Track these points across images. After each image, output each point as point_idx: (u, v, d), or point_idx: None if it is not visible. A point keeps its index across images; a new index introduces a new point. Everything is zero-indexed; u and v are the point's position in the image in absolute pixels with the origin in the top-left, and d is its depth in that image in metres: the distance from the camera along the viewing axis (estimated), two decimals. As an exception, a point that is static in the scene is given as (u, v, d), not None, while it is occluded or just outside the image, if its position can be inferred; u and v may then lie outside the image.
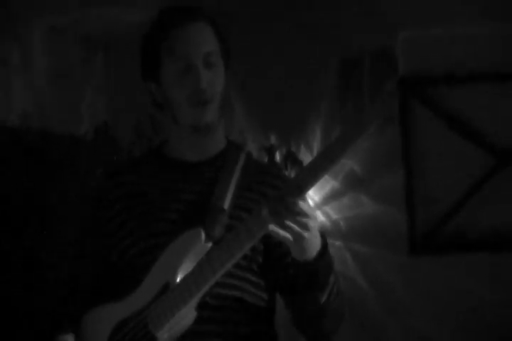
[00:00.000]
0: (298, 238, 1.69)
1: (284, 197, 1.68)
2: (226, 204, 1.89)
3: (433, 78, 2.79)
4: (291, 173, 3.71)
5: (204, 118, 1.91)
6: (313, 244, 1.74)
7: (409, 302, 3.38)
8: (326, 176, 3.68)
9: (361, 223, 3.58)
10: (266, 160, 3.74)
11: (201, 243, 1.84)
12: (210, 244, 1.84)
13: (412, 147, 3.25)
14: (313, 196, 3.72)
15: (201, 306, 1.81)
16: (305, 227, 1.68)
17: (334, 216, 3.67)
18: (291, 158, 3.74)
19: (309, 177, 1.69)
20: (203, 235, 1.84)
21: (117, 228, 1.96)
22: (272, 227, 1.68)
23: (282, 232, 1.68)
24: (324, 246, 1.79)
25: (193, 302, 1.79)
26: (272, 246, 1.89)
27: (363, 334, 3.48)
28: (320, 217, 3.69)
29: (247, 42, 3.79)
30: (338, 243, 3.63)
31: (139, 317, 1.84)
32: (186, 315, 1.80)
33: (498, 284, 3.18)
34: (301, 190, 1.68)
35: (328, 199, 3.69)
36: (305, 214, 1.69)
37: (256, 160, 2.07)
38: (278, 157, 3.76)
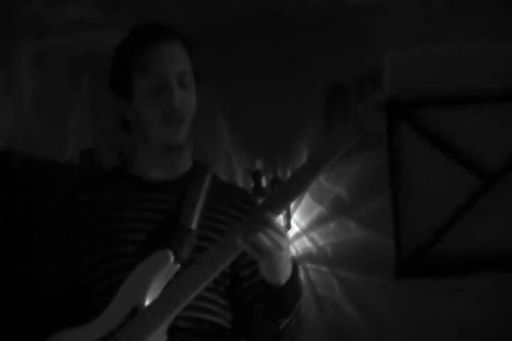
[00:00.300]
0: (268, 255, 1.68)
1: (260, 212, 1.70)
2: (194, 225, 1.87)
3: (420, 99, 2.78)
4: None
5: (177, 137, 1.89)
6: (284, 265, 1.74)
7: (395, 328, 3.35)
8: (312, 202, 3.69)
9: (348, 249, 3.56)
10: (252, 185, 3.73)
11: (170, 264, 1.81)
12: (178, 266, 1.82)
13: (399, 168, 3.24)
14: (299, 221, 3.71)
15: (171, 329, 1.79)
16: (278, 245, 1.68)
17: (321, 241, 3.65)
18: (278, 183, 3.72)
19: (284, 196, 1.71)
20: (172, 256, 1.81)
21: (80, 248, 1.92)
22: (245, 243, 1.68)
23: (253, 247, 1.68)
24: (294, 272, 1.78)
25: (164, 325, 1.77)
26: (238, 268, 1.88)
27: None
28: (306, 242, 3.68)
29: (235, 65, 3.80)
30: (324, 269, 3.61)
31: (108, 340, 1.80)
32: (156, 339, 1.78)
33: (485, 306, 3.16)
34: (275, 209, 1.69)
35: (315, 224, 3.68)
36: (278, 231, 1.69)
37: (222, 181, 2.05)
38: (264, 182, 3.75)
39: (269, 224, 1.68)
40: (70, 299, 1.96)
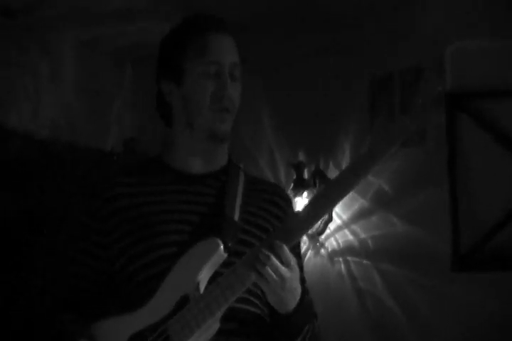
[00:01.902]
0: (273, 286, 1.73)
1: (271, 240, 1.73)
2: (236, 218, 1.88)
3: (480, 91, 2.77)
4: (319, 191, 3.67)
5: (223, 125, 1.90)
6: (290, 297, 1.77)
7: (437, 324, 3.32)
8: (354, 195, 3.68)
9: (390, 242, 3.53)
10: (294, 177, 3.71)
11: (219, 253, 1.80)
12: (226, 255, 1.81)
13: (457, 161, 3.24)
14: (341, 214, 3.69)
15: (223, 318, 1.79)
16: (282, 278, 1.72)
17: (362, 235, 3.62)
18: (320, 176, 3.70)
19: (298, 225, 1.74)
20: (221, 245, 1.81)
21: (118, 240, 1.91)
22: (257, 275, 1.72)
23: (263, 280, 1.73)
24: (302, 298, 1.80)
25: (220, 313, 1.77)
26: None
27: None
28: (348, 235, 3.66)
29: (278, 55, 3.78)
30: (365, 262, 3.59)
31: (157, 330, 1.79)
32: (210, 327, 1.77)
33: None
34: (287, 238, 1.73)
35: (357, 217, 3.65)
36: (286, 263, 1.73)
37: (254, 177, 2.05)
38: (306, 174, 3.73)
39: (274, 253, 1.71)
40: (97, 290, 1.95)
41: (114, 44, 3.68)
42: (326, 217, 3.61)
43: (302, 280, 1.86)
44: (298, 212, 1.82)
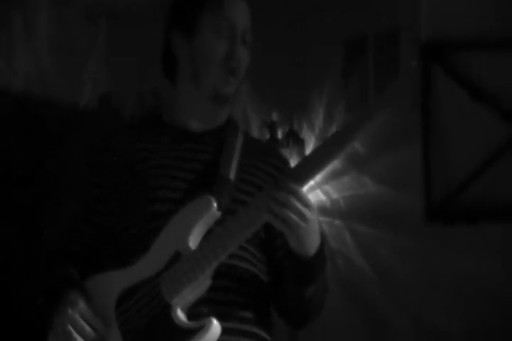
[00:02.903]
0: (295, 227, 1.69)
1: (287, 183, 1.69)
2: (232, 176, 1.87)
3: (456, 43, 2.77)
4: (291, 151, 3.68)
5: (227, 88, 1.88)
6: (312, 238, 1.73)
7: (408, 283, 3.35)
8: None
9: (361, 203, 3.55)
10: (268, 136, 3.72)
11: (213, 211, 1.80)
12: (219, 213, 1.80)
13: (431, 118, 3.25)
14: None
15: (214, 275, 1.78)
16: (302, 217, 1.68)
17: (334, 195, 3.64)
18: (293, 136, 3.71)
19: (311, 167, 1.70)
20: (215, 203, 1.80)
21: (114, 195, 1.91)
22: (270, 215, 1.69)
23: (280, 220, 1.69)
24: (322, 244, 1.77)
25: (210, 270, 1.77)
26: (271, 235, 1.88)
27: (359, 314, 3.47)
28: (320, 195, 3.68)
29: (255, 17, 3.75)
30: (337, 222, 3.61)
31: (149, 285, 1.80)
32: (201, 283, 1.77)
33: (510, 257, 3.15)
34: (302, 180, 1.69)
35: (329, 178, 3.67)
36: (305, 202, 1.68)
37: (253, 138, 2.05)
38: (279, 134, 3.73)
39: (295, 195, 1.67)
40: (92, 244, 1.95)
41: (87, -1, 3.63)
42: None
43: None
44: (307, 155, 1.80)
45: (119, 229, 1.89)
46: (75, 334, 1.77)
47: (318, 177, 3.61)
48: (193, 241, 1.79)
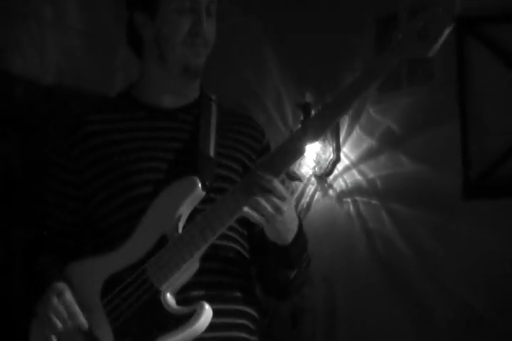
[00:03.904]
0: (271, 220, 1.68)
1: (259, 173, 1.68)
2: (211, 153, 1.84)
3: (491, 15, 2.68)
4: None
5: (197, 60, 1.87)
6: (289, 227, 1.73)
7: (447, 263, 3.31)
8: (362, 134, 3.68)
9: (398, 182, 3.50)
10: (301, 118, 3.67)
11: (197, 191, 1.76)
12: (203, 193, 1.77)
13: (467, 92, 3.22)
14: (349, 154, 3.67)
15: (202, 258, 1.77)
16: (278, 210, 1.67)
17: (371, 175, 3.60)
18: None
19: (285, 153, 1.68)
20: (199, 182, 1.76)
21: (91, 180, 1.87)
22: (246, 209, 1.67)
23: (255, 214, 1.67)
24: (299, 228, 1.77)
25: (199, 253, 1.74)
26: None
27: (398, 294, 3.43)
28: (356, 175, 3.65)
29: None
30: (374, 202, 3.57)
31: (135, 270, 1.76)
32: (190, 267, 1.74)
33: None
34: (277, 169, 1.68)
35: (365, 157, 3.63)
36: (279, 195, 1.67)
37: (227, 108, 2.01)
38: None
39: (268, 188, 1.66)
40: (71, 232, 1.93)
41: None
42: (333, 157, 3.61)
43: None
44: (291, 135, 1.77)
45: (100, 215, 1.86)
46: (59, 325, 1.73)
47: (354, 158, 3.61)
48: (180, 224, 1.75)
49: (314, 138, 1.72)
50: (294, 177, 3.59)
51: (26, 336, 1.84)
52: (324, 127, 1.73)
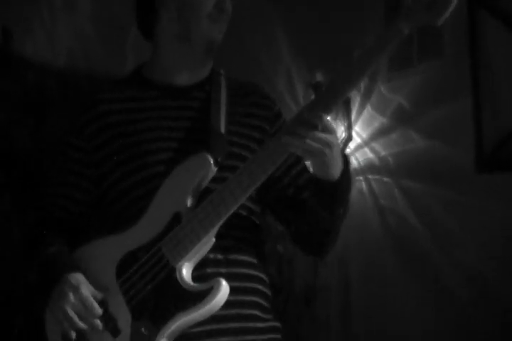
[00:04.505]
0: (319, 154, 1.66)
1: (306, 112, 1.65)
2: (223, 130, 1.83)
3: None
4: (337, 110, 3.64)
5: (219, 35, 1.86)
6: (336, 162, 1.71)
7: (461, 238, 3.29)
8: (374, 112, 3.64)
9: (411, 159, 3.48)
10: (313, 97, 3.66)
11: (209, 168, 1.75)
12: (215, 170, 1.76)
13: (480, 67, 3.17)
14: (361, 133, 3.66)
15: (216, 235, 1.75)
16: (327, 145, 1.65)
17: (383, 152, 3.59)
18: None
19: (331, 95, 1.64)
20: (211, 159, 1.75)
21: (103, 160, 1.86)
22: (292, 145, 1.64)
23: (302, 149, 1.65)
24: (346, 164, 1.75)
25: (214, 230, 1.72)
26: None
27: (412, 271, 3.42)
28: (368, 153, 3.64)
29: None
30: (386, 179, 3.56)
31: (150, 249, 1.75)
32: (205, 244, 1.73)
33: None
34: (323, 108, 1.63)
35: (377, 135, 3.61)
36: (326, 129, 1.64)
37: (237, 81, 1.98)
38: (325, 94, 3.67)
39: (316, 124, 1.63)
40: (82, 212, 1.92)
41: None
42: (345, 136, 3.60)
43: None
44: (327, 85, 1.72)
45: (113, 195, 1.85)
46: (78, 322, 1.72)
47: (366, 136, 3.58)
48: (192, 201, 1.74)
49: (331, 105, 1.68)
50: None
51: (39, 330, 1.84)
52: (336, 98, 1.68)
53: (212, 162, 1.75)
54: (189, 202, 1.74)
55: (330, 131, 1.65)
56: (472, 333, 3.17)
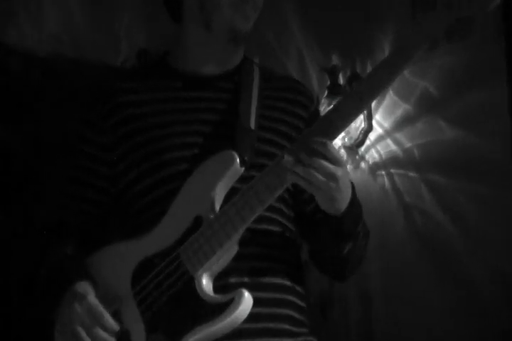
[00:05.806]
0: (324, 188, 1.61)
1: (313, 137, 1.58)
2: (252, 125, 1.76)
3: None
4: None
5: (246, 24, 1.82)
6: (343, 195, 1.66)
7: (491, 236, 3.17)
8: (396, 99, 3.52)
9: (438, 151, 3.36)
10: (328, 83, 3.48)
11: (235, 167, 1.67)
12: (242, 169, 1.69)
13: None
14: (382, 122, 3.50)
15: (240, 242, 1.68)
16: (332, 177, 1.59)
17: (407, 144, 3.45)
18: (357, 80, 3.45)
19: (342, 116, 1.59)
20: (237, 158, 1.68)
21: (122, 156, 1.80)
22: (295, 177, 1.59)
23: (306, 182, 1.60)
24: (353, 196, 1.71)
25: (237, 235, 1.64)
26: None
27: (440, 270, 3.29)
28: (391, 145, 3.49)
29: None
30: (411, 174, 3.43)
31: (169, 255, 1.69)
32: (227, 252, 1.65)
33: None
34: (332, 133, 1.59)
35: (400, 125, 3.46)
36: (334, 160, 1.59)
37: (272, 72, 1.96)
38: (341, 79, 3.49)
39: (322, 153, 1.57)
40: (97, 213, 1.87)
41: None
42: (364, 126, 3.43)
43: None
44: (334, 106, 1.65)
45: (131, 195, 1.80)
46: (84, 336, 1.64)
47: (388, 125, 3.44)
48: (217, 204, 1.67)
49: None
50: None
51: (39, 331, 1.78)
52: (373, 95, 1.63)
53: (238, 161, 1.68)
54: (213, 205, 1.67)
55: (338, 162, 1.59)
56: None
